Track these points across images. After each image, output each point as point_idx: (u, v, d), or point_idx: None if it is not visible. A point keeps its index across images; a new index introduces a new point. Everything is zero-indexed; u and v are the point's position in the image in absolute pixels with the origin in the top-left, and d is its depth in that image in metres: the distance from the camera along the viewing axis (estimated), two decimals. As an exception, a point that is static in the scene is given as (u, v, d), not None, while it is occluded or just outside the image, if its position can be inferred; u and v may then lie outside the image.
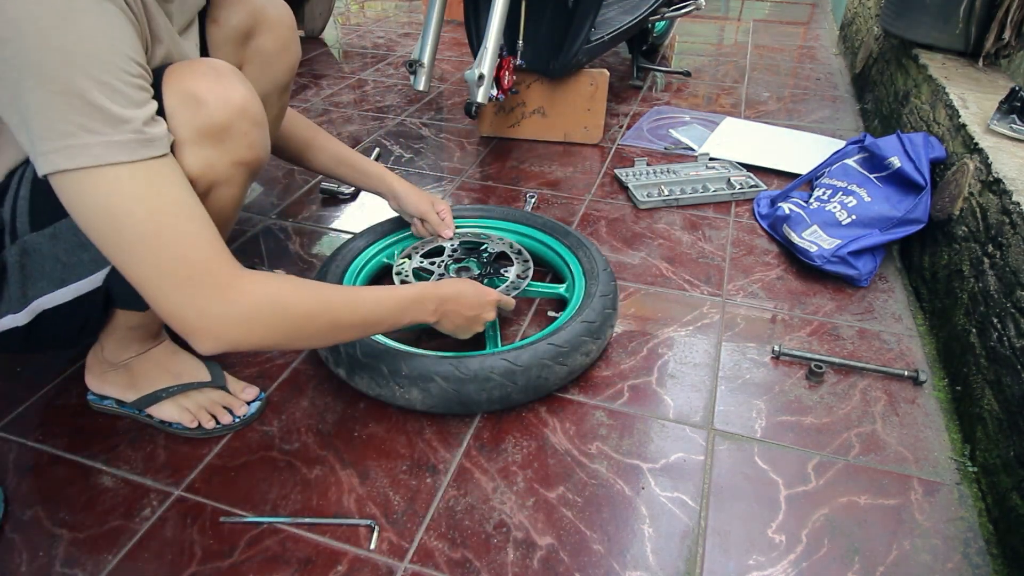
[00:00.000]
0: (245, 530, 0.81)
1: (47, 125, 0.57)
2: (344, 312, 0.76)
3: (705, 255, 1.37)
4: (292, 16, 0.87)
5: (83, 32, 0.56)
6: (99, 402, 0.96)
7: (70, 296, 0.76)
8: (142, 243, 0.62)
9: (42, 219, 0.71)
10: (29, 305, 0.74)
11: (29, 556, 0.77)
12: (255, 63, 0.92)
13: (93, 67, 0.57)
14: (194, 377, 0.95)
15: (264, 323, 0.69)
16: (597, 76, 1.76)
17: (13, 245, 0.72)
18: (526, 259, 1.17)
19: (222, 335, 0.67)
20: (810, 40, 2.95)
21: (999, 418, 0.88)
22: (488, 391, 0.91)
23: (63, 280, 0.74)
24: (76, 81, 0.56)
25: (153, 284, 0.64)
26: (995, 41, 1.55)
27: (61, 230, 0.71)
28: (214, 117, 0.68)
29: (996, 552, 0.80)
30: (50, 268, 0.73)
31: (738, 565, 0.78)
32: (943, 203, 1.24)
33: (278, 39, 0.92)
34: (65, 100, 0.56)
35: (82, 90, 0.57)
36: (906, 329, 1.18)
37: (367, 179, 1.18)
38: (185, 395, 0.94)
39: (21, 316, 0.75)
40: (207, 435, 0.93)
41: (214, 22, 0.88)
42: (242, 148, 0.72)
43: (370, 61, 2.55)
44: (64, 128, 0.57)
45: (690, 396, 1.02)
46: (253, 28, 0.90)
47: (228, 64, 0.72)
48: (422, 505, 0.84)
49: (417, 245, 1.22)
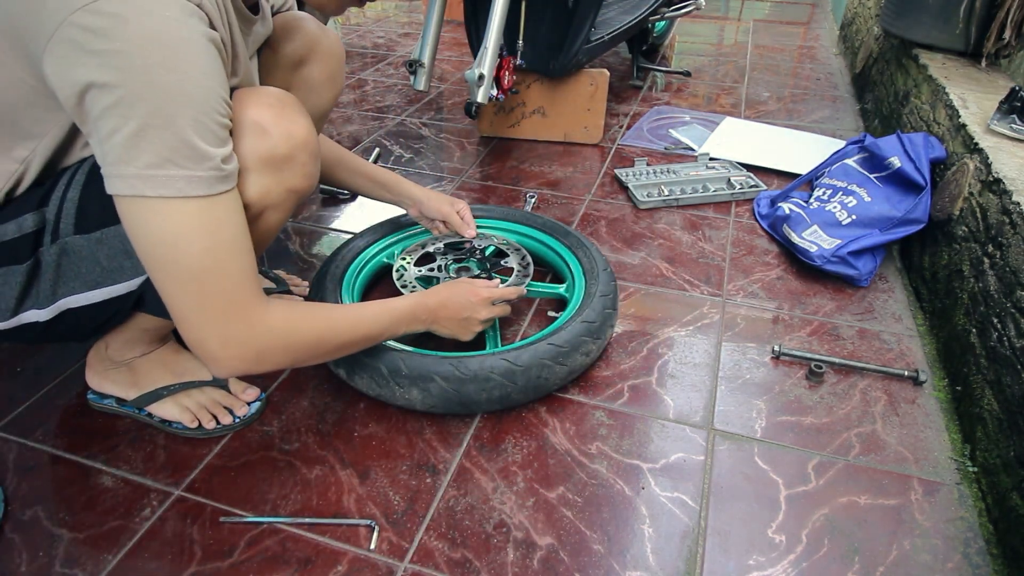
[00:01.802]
0: (245, 530, 0.81)
1: (135, 153, 0.59)
2: (348, 332, 0.82)
3: (705, 255, 1.37)
4: (342, 48, 0.89)
5: (187, 73, 0.60)
6: (99, 401, 0.96)
7: (99, 298, 0.77)
8: (191, 275, 0.65)
9: (89, 224, 0.73)
10: (56, 303, 0.76)
11: (29, 556, 0.77)
12: (302, 89, 0.97)
13: (192, 107, 0.60)
14: (196, 376, 0.96)
15: (278, 350, 0.74)
16: (597, 76, 1.76)
17: (54, 244, 0.73)
18: (526, 259, 1.17)
19: (239, 364, 0.71)
20: (810, 40, 2.95)
21: (999, 418, 0.88)
22: (488, 391, 0.91)
23: (98, 283, 0.76)
24: (175, 119, 0.59)
25: (190, 312, 0.68)
26: (995, 41, 1.55)
27: (108, 236, 0.74)
28: (278, 148, 0.72)
29: (996, 552, 0.80)
30: (87, 270, 0.75)
31: (738, 565, 0.78)
32: (943, 203, 1.24)
33: (326, 69, 0.98)
34: (160, 134, 0.59)
35: (179, 128, 0.60)
36: (906, 329, 1.18)
37: (387, 191, 1.19)
38: (186, 394, 0.94)
39: (45, 312, 0.77)
40: (207, 435, 0.93)
41: (270, 47, 0.92)
42: (298, 177, 0.76)
43: (370, 61, 2.55)
44: (152, 159, 0.60)
45: (690, 396, 1.02)
46: (305, 57, 0.95)
47: (292, 96, 0.75)
48: (422, 505, 0.84)
49: (424, 242, 1.22)
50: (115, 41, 0.56)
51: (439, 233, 1.23)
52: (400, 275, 1.12)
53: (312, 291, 1.08)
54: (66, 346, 1.08)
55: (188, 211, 0.63)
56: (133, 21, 0.57)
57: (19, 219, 0.72)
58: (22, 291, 0.74)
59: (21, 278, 0.74)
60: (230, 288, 0.68)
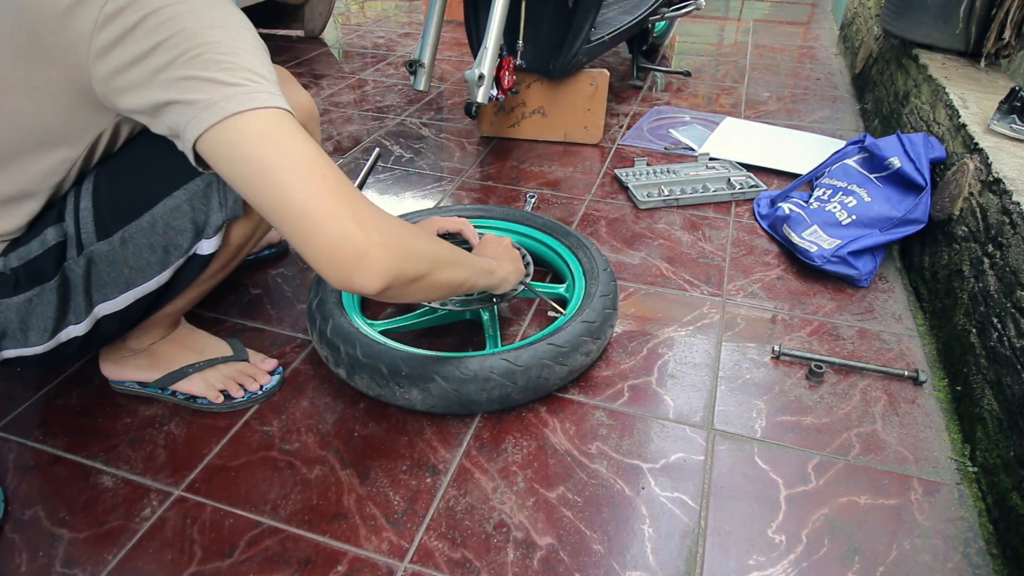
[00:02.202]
0: (245, 530, 0.81)
1: (209, 86, 0.60)
2: (450, 259, 0.76)
3: (705, 255, 1.37)
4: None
5: (228, 8, 0.64)
6: (120, 384, 0.98)
7: (132, 299, 0.79)
8: (306, 162, 0.61)
9: (108, 227, 0.75)
10: (92, 313, 0.78)
11: (29, 556, 0.77)
12: None
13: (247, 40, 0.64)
14: (217, 352, 0.99)
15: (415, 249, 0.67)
16: (597, 76, 1.76)
17: (80, 256, 0.75)
18: (526, 259, 1.17)
19: (385, 255, 0.62)
20: (810, 40, 2.95)
21: (999, 418, 0.88)
22: (488, 391, 0.91)
23: (129, 284, 0.78)
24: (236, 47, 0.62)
25: (318, 198, 0.60)
26: (995, 41, 1.55)
27: (130, 234, 0.76)
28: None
29: (996, 552, 0.80)
30: (117, 274, 0.77)
31: (738, 565, 0.78)
32: (943, 203, 1.24)
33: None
34: (228, 59, 0.61)
35: (241, 56, 0.62)
36: (906, 329, 1.18)
37: None
38: (212, 368, 0.97)
39: (82, 326, 0.79)
40: (231, 408, 0.96)
41: None
42: None
43: (370, 61, 2.55)
44: (228, 82, 0.60)
45: (690, 396, 1.02)
46: None
47: (288, 72, 0.82)
48: (422, 505, 0.84)
49: None
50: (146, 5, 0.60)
51: None
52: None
53: (313, 291, 1.08)
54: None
55: (278, 118, 0.61)
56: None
57: (41, 236, 0.74)
58: (58, 310, 0.76)
59: (53, 297, 0.75)
60: (344, 179, 0.63)
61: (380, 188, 1.63)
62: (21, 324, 0.75)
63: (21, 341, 0.76)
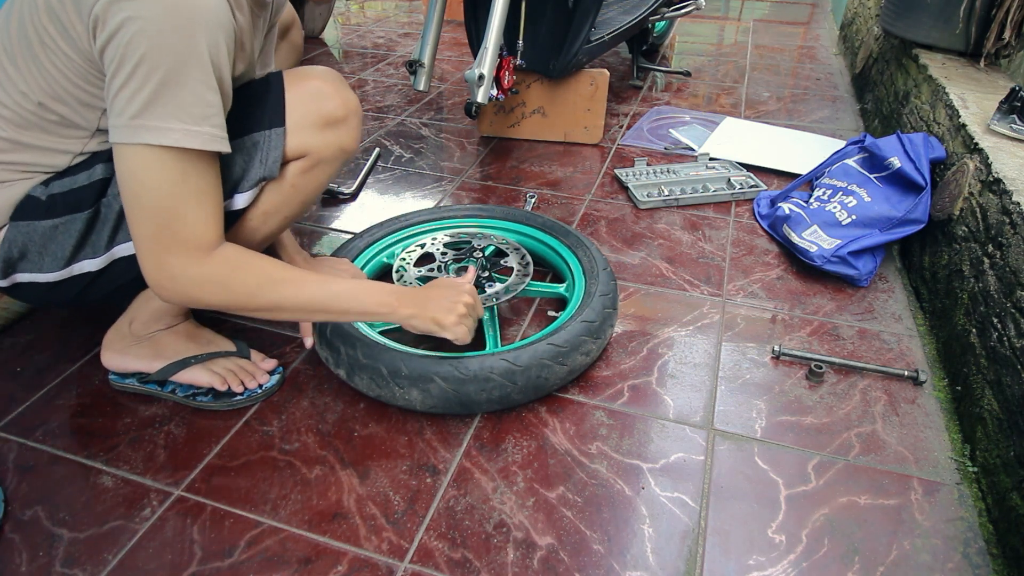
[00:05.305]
0: (245, 530, 0.81)
1: (153, 110, 0.67)
2: (291, 291, 0.82)
3: (705, 255, 1.37)
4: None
5: (196, 48, 0.69)
6: (121, 381, 0.99)
7: None
8: (152, 211, 0.72)
9: None
10: (111, 250, 0.82)
11: (29, 556, 0.77)
12: (287, 50, 1.18)
13: (198, 72, 0.69)
14: (220, 347, 1.01)
15: (215, 287, 0.77)
16: (597, 76, 1.76)
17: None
18: (526, 258, 1.17)
19: (170, 289, 0.76)
20: (810, 40, 2.95)
21: (999, 418, 0.88)
22: (488, 391, 0.91)
23: None
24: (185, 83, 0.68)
25: (143, 241, 0.73)
26: (995, 41, 1.55)
27: None
28: (337, 112, 0.87)
29: (996, 552, 0.80)
30: None
31: (738, 565, 0.78)
32: (943, 203, 1.24)
33: (298, 31, 1.21)
34: (172, 93, 0.68)
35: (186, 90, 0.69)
36: (906, 329, 1.18)
37: None
38: (213, 361, 0.99)
39: (98, 261, 0.82)
40: (231, 406, 0.97)
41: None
42: (349, 138, 0.90)
43: (370, 61, 2.55)
44: (163, 112, 0.68)
45: (690, 396, 1.02)
46: (287, 26, 1.17)
47: (338, 74, 0.91)
48: (422, 505, 0.84)
49: (424, 242, 1.22)
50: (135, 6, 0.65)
51: None
52: (400, 275, 1.12)
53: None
54: (65, 346, 1.08)
55: (167, 158, 0.69)
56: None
57: (90, 170, 0.79)
58: (79, 240, 0.80)
59: (80, 226, 0.80)
60: (180, 231, 0.73)
61: (380, 188, 1.63)
62: (41, 248, 0.80)
63: (37, 265, 0.81)
